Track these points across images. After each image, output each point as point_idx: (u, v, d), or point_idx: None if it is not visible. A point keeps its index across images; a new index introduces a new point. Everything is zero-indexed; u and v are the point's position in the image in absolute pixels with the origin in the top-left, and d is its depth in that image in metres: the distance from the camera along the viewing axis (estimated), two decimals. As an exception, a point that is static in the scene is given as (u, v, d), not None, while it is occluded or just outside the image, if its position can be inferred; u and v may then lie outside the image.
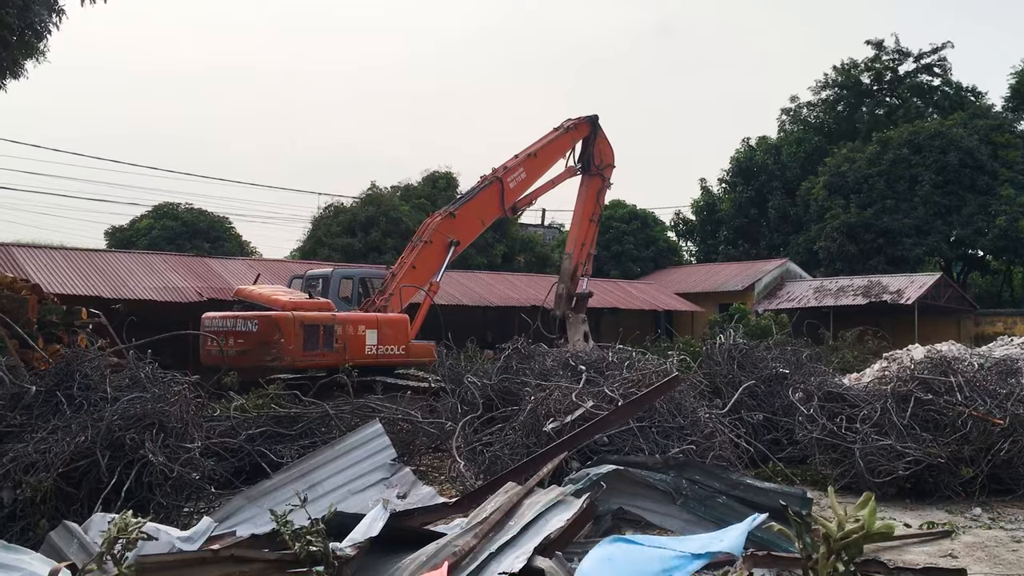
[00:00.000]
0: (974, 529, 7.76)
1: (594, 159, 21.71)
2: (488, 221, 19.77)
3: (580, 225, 21.86)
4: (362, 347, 15.19)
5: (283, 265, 30.47)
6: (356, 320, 15.45)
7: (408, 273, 17.28)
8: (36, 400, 7.33)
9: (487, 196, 19.11)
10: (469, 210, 18.77)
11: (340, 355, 14.49)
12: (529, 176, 19.85)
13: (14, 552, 4.97)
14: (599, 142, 21.82)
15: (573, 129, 21.24)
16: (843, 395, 10.09)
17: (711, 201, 52.49)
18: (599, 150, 21.84)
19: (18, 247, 25.87)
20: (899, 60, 50.15)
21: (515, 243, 42.06)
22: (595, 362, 10.46)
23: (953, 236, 40.97)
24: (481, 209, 19.10)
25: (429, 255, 17.78)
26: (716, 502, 6.51)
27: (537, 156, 20.10)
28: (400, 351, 15.79)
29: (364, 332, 15.32)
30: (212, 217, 42.84)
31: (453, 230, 18.18)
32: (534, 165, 20.04)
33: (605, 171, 22.20)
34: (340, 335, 14.92)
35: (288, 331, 14.20)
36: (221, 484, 7.65)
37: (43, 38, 14.46)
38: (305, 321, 14.56)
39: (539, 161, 20.22)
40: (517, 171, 19.51)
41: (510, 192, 19.35)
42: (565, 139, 21.12)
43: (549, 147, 20.59)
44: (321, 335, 14.68)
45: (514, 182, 19.42)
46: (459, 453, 9.10)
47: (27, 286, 11.39)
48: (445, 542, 5.11)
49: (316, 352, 14.58)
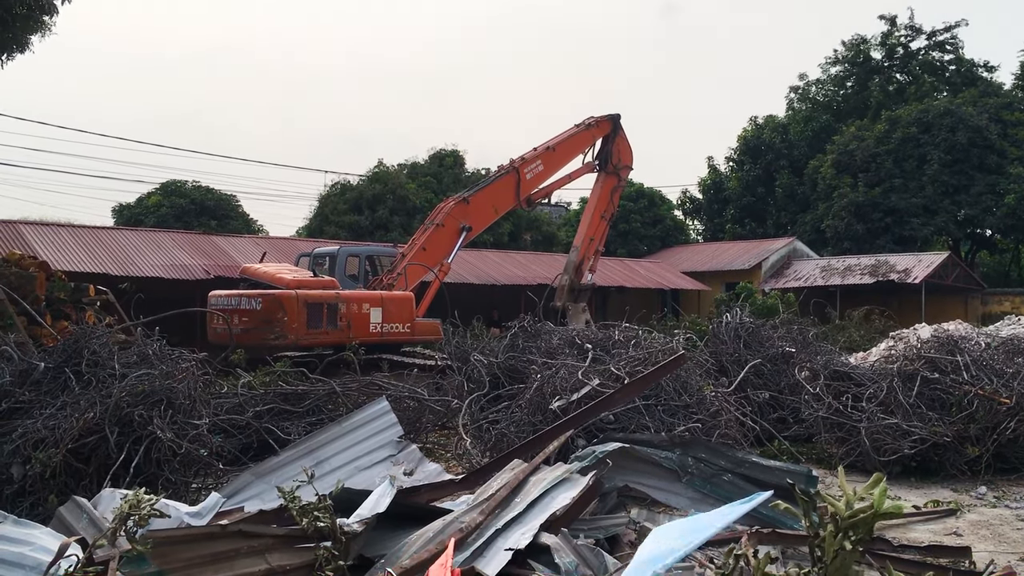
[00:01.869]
0: (979, 508, 7.78)
1: (612, 157, 21.65)
2: (502, 210, 19.78)
3: (591, 221, 21.80)
4: (366, 325, 15.13)
5: (289, 243, 30.46)
6: (360, 298, 15.38)
7: (418, 254, 17.31)
8: (45, 376, 7.36)
9: (503, 185, 19.12)
10: (484, 197, 18.76)
11: (344, 333, 14.53)
12: (546, 169, 19.88)
13: (24, 527, 5.01)
14: (619, 141, 21.76)
15: (594, 126, 21.20)
16: (849, 374, 10.09)
17: (718, 180, 52.26)
18: (618, 149, 21.78)
19: (26, 224, 25.91)
20: (911, 36, 49.71)
21: (522, 221, 41.96)
22: (601, 340, 10.46)
23: (961, 215, 40.73)
24: (496, 198, 19.09)
25: (440, 238, 17.81)
26: (722, 480, 6.53)
27: (556, 150, 20.12)
28: (405, 329, 15.72)
29: (368, 310, 15.26)
30: (219, 195, 42.76)
31: (466, 215, 18.18)
32: (552, 159, 20.06)
33: (621, 171, 22.16)
34: (344, 313, 14.87)
35: (291, 309, 14.19)
36: (229, 460, 7.69)
37: (51, 13, 14.40)
38: (308, 299, 14.52)
39: (557, 155, 20.24)
40: (534, 163, 19.52)
41: (526, 183, 19.37)
42: (585, 135, 21.09)
43: (568, 142, 20.58)
44: (325, 313, 14.66)
45: (531, 173, 19.44)
46: (465, 430, 9.13)
47: (35, 263, 11.42)
48: (451, 518, 5.14)
49: (320, 330, 14.56)
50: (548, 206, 54.60)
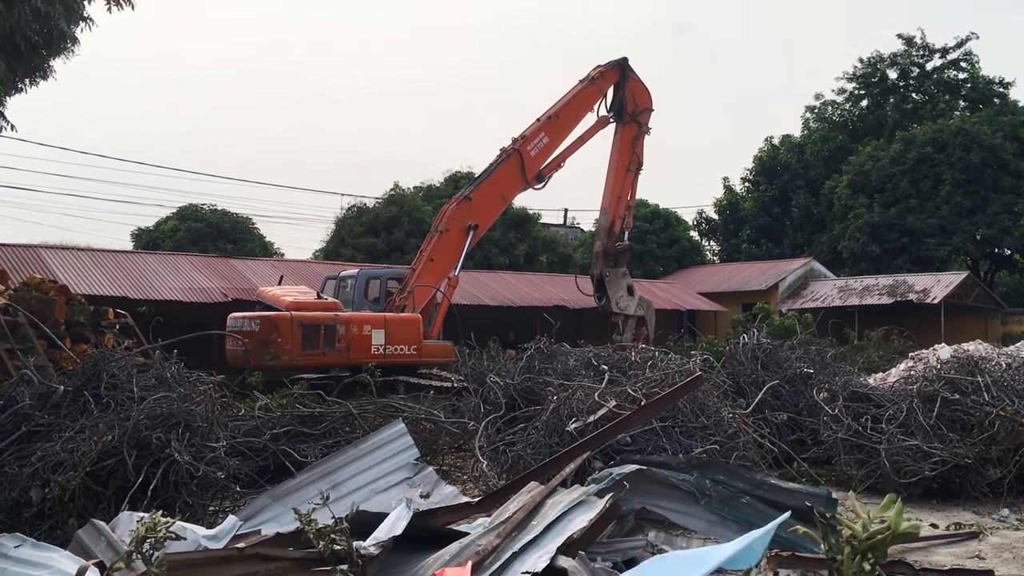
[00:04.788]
0: (1001, 530, 7.68)
1: (627, 105, 19.99)
2: (511, 196, 18.91)
3: (615, 177, 20.17)
4: (367, 347, 15.20)
5: (306, 265, 30.62)
6: (361, 320, 15.50)
7: (426, 267, 16.95)
8: (64, 400, 7.41)
9: (506, 170, 18.18)
10: (487, 189, 18.01)
11: (343, 355, 14.74)
12: (552, 139, 18.63)
13: (43, 550, 5.04)
14: (631, 86, 20.07)
15: (599, 78, 19.57)
16: (868, 395, 10.01)
17: (734, 200, 52.19)
18: (632, 94, 20.08)
19: (46, 248, 26.19)
20: (926, 56, 49.62)
21: (537, 243, 42.02)
22: (617, 362, 10.44)
23: (979, 235, 40.47)
24: (501, 185, 18.22)
25: (447, 245, 17.34)
26: (740, 502, 6.47)
27: (559, 117, 18.78)
28: (412, 351, 15.58)
29: (370, 332, 15.36)
30: (236, 218, 43.11)
31: (470, 214, 17.56)
32: (557, 127, 18.74)
33: (641, 116, 20.31)
34: (343, 335, 15.01)
35: (285, 331, 14.45)
36: (246, 483, 7.70)
37: (71, 42, 14.63)
38: (304, 321, 14.77)
39: (562, 122, 18.85)
40: (537, 137, 18.40)
41: (531, 161, 18.32)
42: (590, 91, 19.52)
43: (572, 104, 19.11)
44: (322, 335, 14.85)
45: (535, 149, 18.32)
46: (482, 453, 9.11)
47: (55, 287, 11.53)
48: (468, 541, 5.12)
49: (316, 352, 14.74)
50: (563, 227, 54.86)
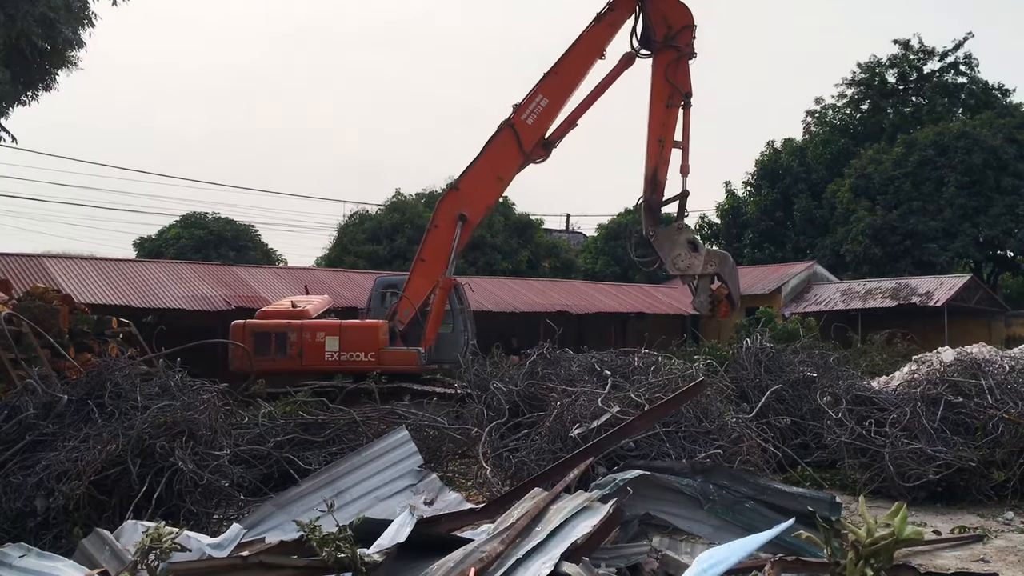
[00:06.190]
0: (1006, 533, 7.67)
1: (656, 30, 15.53)
2: (507, 175, 16.38)
3: (652, 116, 15.73)
4: (320, 354, 15.61)
5: (309, 273, 30.70)
6: (314, 327, 15.91)
7: (418, 268, 16.34)
8: (68, 409, 7.43)
9: (498, 148, 16.13)
10: (478, 173, 16.26)
11: (295, 361, 15.47)
12: (554, 100, 15.97)
13: (48, 559, 5.05)
14: (656, 3, 15.56)
15: (608, 12, 15.92)
16: (872, 399, 10.00)
17: (736, 204, 52.13)
18: (660, 15, 15.52)
19: (49, 258, 26.23)
20: (924, 59, 49.62)
21: (540, 248, 42.05)
22: (621, 367, 10.45)
23: (981, 237, 40.42)
24: (494, 165, 16.20)
25: (438, 241, 16.23)
26: (744, 507, 6.47)
27: (559, 72, 15.96)
28: (369, 358, 15.36)
29: (323, 339, 15.72)
30: (238, 226, 43.16)
31: (461, 203, 16.20)
32: (557, 85, 15.98)
33: (678, 38, 15.43)
34: (294, 342, 15.61)
35: (237, 339, 15.50)
36: (250, 491, 7.71)
37: (75, 47, 14.68)
38: (256, 329, 15.83)
39: (563, 77, 16.01)
40: (533, 102, 15.93)
41: (528, 130, 15.92)
42: (596, 32, 16.03)
43: (574, 53, 16.03)
44: (273, 342, 15.59)
45: (532, 116, 15.91)
46: (485, 459, 9.11)
47: (58, 296, 11.57)
48: (472, 548, 5.12)
49: (267, 358, 15.39)
50: (566, 233, 54.76)
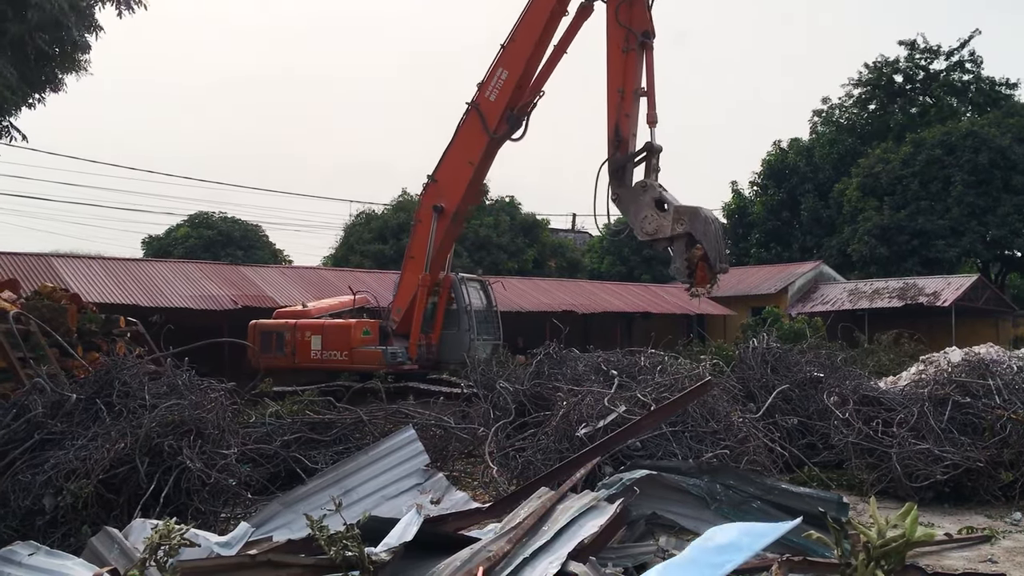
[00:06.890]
0: (1014, 534, 7.65)
1: None
2: (478, 158, 15.65)
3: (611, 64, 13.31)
4: (308, 352, 16.45)
5: (315, 272, 30.78)
6: (304, 327, 16.71)
7: (408, 265, 16.37)
8: (76, 408, 7.45)
9: (464, 134, 15.77)
10: (449, 163, 15.94)
11: (290, 359, 16.49)
12: (513, 70, 15.11)
13: (56, 557, 5.07)
14: None
15: None
16: (879, 399, 9.97)
17: (742, 204, 52.08)
18: None
19: (57, 257, 26.31)
20: (930, 59, 49.51)
21: (545, 248, 42.04)
22: (627, 367, 10.44)
23: (989, 237, 40.29)
24: (465, 151, 15.78)
25: (422, 236, 16.14)
26: (751, 507, 6.46)
27: (515, 39, 15.06)
28: (343, 357, 16.19)
29: (310, 338, 16.52)
30: (246, 226, 43.27)
31: (440, 194, 15.91)
32: (514, 54, 15.11)
33: None
34: (289, 340, 16.56)
35: (251, 338, 16.78)
36: (257, 490, 7.74)
37: (83, 51, 14.73)
38: (262, 328, 16.96)
39: (519, 44, 15.04)
40: (494, 79, 15.28)
41: (492, 107, 15.31)
42: None
43: (527, 17, 14.99)
44: (274, 341, 16.68)
45: (494, 92, 15.29)
46: (492, 458, 9.11)
47: (66, 295, 11.59)
48: (479, 547, 5.12)
49: (270, 355, 16.61)
50: (571, 232, 54.68)
